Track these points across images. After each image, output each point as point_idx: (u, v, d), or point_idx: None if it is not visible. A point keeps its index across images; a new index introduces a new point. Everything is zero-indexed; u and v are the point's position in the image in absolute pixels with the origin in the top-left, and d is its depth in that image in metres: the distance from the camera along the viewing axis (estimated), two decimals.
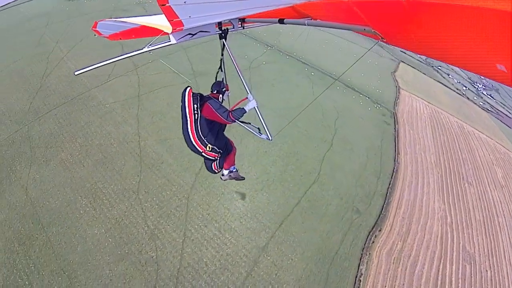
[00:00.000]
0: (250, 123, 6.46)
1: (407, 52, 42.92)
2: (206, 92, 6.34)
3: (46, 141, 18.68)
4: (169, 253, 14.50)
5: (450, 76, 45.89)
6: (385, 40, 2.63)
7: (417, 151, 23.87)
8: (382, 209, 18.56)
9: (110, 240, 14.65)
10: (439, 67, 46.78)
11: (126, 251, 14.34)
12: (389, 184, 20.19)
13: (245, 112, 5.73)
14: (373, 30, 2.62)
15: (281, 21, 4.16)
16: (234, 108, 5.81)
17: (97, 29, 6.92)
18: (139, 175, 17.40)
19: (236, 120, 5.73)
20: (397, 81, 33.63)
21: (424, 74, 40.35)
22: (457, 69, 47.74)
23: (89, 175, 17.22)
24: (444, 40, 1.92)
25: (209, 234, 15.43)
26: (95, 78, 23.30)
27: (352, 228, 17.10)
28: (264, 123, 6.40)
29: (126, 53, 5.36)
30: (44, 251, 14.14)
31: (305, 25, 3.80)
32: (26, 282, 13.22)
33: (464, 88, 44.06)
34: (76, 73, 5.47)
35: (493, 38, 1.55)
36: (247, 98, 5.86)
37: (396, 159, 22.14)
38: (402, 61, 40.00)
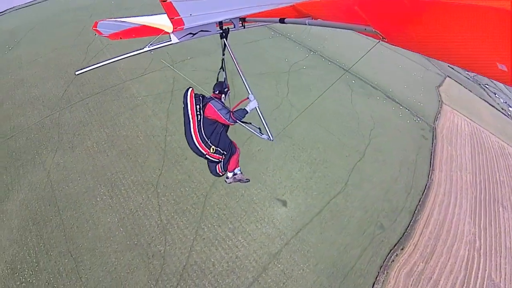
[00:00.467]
0: (251, 123, 6.39)
1: (455, 67, 41.67)
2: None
3: (75, 128, 19.17)
4: (178, 249, 14.31)
5: (496, 95, 43.87)
6: (386, 40, 2.58)
7: (453, 168, 22.51)
8: (408, 226, 17.44)
9: (121, 229, 14.69)
10: (486, 85, 44.87)
11: (135, 242, 14.30)
12: (419, 201, 18.97)
13: (247, 112, 5.72)
14: (374, 30, 2.56)
15: (281, 21, 4.09)
16: (236, 109, 5.81)
17: (97, 28, 6.98)
18: (160, 169, 17.42)
19: (238, 121, 5.73)
20: (440, 95, 32.14)
21: (470, 91, 38.59)
22: (504, 88, 45.78)
23: (112, 164, 17.43)
24: (445, 39, 1.89)
25: (222, 235, 15.11)
26: (131, 71, 23.79)
27: (373, 244, 16.20)
28: (265, 123, 6.28)
29: (126, 53, 5.44)
30: (56, 233, 14.41)
31: (306, 24, 3.72)
32: (34, 260, 13.54)
33: (510, 108, 41.85)
34: (77, 73, 5.55)
35: (494, 37, 1.52)
36: (248, 98, 5.84)
37: (429, 176, 20.90)
38: (449, 76, 38.49)
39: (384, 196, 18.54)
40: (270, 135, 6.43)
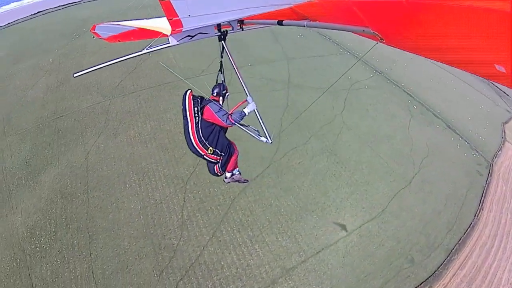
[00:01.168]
0: (249, 126, 6.78)
1: None
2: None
3: (122, 117, 20.21)
4: (191, 246, 14.40)
5: None
6: (384, 41, 2.63)
7: (503, 210, 20.36)
8: (441, 265, 15.98)
9: (141, 217, 15.13)
10: None
11: (151, 232, 14.64)
12: (459, 240, 17.30)
13: (245, 115, 6.07)
14: (372, 31, 2.63)
15: (280, 23, 4.22)
16: (234, 111, 6.14)
17: (95, 31, 7.36)
18: (195, 166, 17.69)
19: (236, 123, 6.02)
20: (505, 132, 29.52)
21: None
22: None
23: (149, 155, 18.07)
24: (444, 40, 1.95)
25: (239, 240, 14.97)
26: (188, 70, 24.50)
27: (397, 278, 15.05)
28: (264, 125, 6.54)
29: (126, 55, 5.72)
30: (79, 209, 15.29)
31: (304, 26, 3.84)
32: (53, 230, 14.50)
33: None
34: (75, 75, 5.94)
35: (492, 39, 1.56)
36: (246, 100, 6.19)
37: (477, 214, 19.13)
38: None
39: (422, 229, 17.20)
40: (268, 137, 6.55)
